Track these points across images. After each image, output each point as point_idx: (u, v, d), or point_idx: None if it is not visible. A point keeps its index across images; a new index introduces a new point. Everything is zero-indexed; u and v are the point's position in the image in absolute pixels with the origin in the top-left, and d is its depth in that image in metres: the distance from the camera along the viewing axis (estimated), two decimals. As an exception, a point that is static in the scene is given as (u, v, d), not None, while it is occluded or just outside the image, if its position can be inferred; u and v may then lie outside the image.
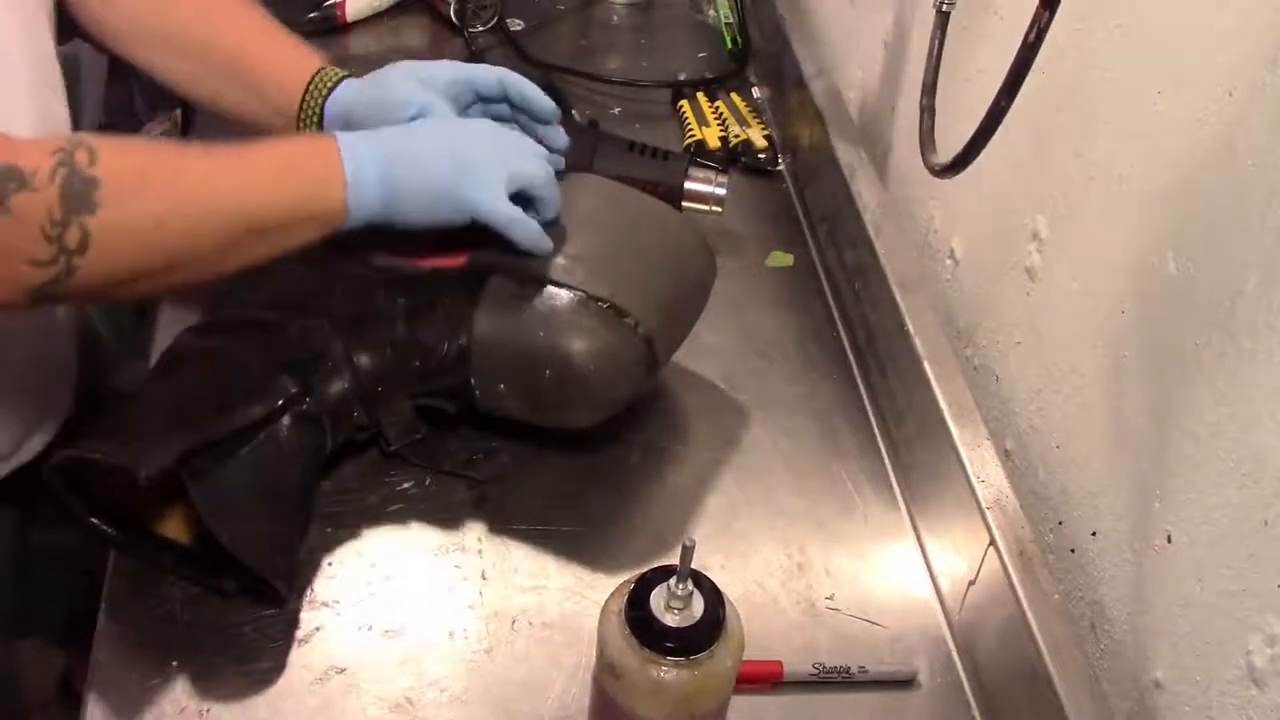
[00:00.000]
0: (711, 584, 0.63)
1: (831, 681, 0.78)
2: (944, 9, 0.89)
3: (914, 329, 0.92)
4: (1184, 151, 0.71)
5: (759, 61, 1.37)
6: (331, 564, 0.81)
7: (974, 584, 0.81)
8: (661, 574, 0.63)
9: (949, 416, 0.86)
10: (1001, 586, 0.77)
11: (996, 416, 0.94)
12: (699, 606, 0.62)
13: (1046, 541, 0.86)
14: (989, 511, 0.80)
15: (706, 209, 1.08)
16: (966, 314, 1.01)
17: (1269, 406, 0.63)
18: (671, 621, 0.62)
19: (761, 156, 1.22)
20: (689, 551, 0.61)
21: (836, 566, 0.86)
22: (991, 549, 0.78)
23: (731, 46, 1.40)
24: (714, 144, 1.21)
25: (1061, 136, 0.85)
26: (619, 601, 0.63)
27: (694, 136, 1.22)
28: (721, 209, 1.08)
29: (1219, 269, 0.68)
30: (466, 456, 0.89)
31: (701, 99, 1.28)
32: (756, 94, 1.34)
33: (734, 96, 1.29)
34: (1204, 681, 0.69)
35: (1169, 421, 0.72)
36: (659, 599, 0.62)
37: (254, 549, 0.75)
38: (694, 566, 0.62)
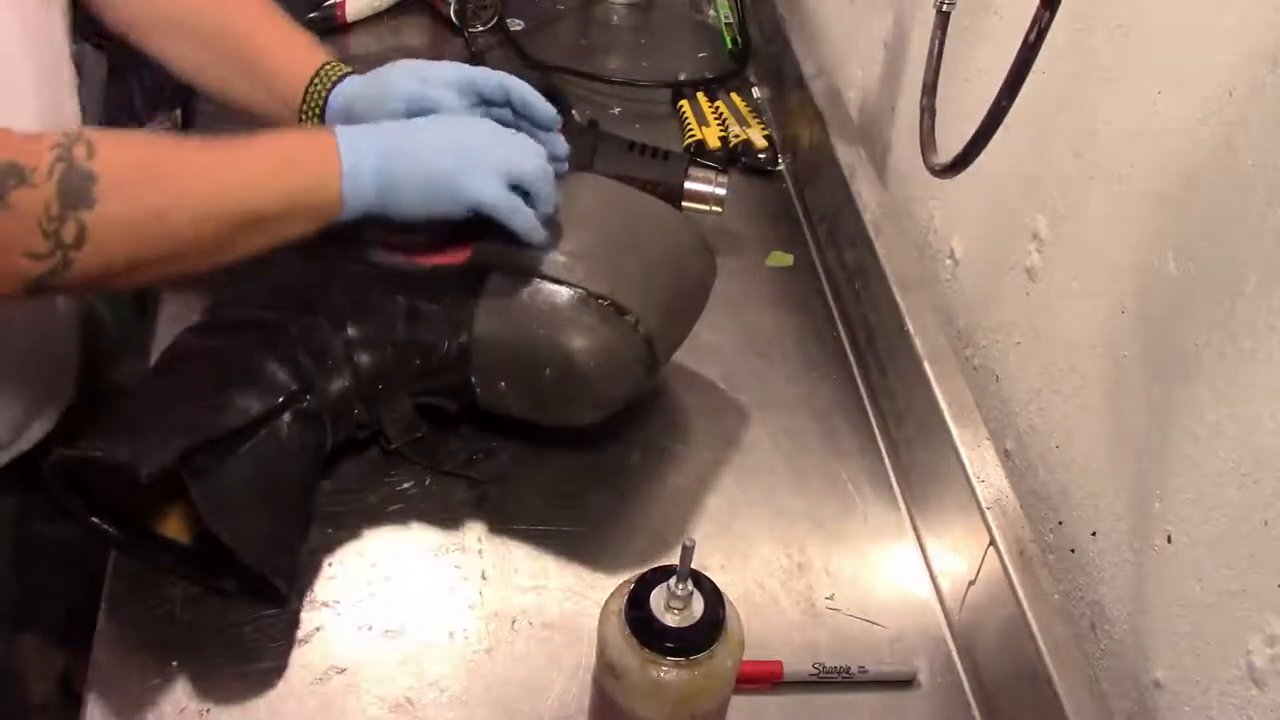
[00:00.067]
0: (711, 584, 0.63)
1: (831, 681, 0.78)
2: (944, 9, 0.89)
3: (914, 329, 0.92)
4: (1184, 151, 0.71)
5: (759, 61, 1.37)
6: (331, 564, 0.81)
7: (974, 584, 0.81)
8: (661, 574, 0.63)
9: (949, 416, 0.86)
10: (1001, 586, 0.77)
11: (996, 416, 0.94)
12: (699, 606, 0.62)
13: (1046, 541, 0.86)
14: (989, 511, 0.80)
15: (706, 209, 1.08)
16: (966, 314, 1.01)
17: (1269, 406, 0.63)
18: (671, 621, 0.61)
19: (761, 156, 1.22)
20: (689, 551, 0.61)
21: (836, 566, 0.86)
22: (991, 549, 0.79)
23: (731, 46, 1.40)
24: (714, 144, 1.21)
25: (1061, 136, 0.85)
26: (619, 601, 0.63)
27: (694, 136, 1.22)
28: (721, 209, 1.08)
29: (1219, 269, 0.68)
30: (467, 456, 0.89)
31: (701, 99, 1.28)
32: (756, 94, 1.34)
33: (734, 96, 1.29)
34: (1204, 681, 0.69)
35: (1169, 421, 0.72)
36: (659, 599, 0.62)
37: (254, 547, 0.75)
38: (694, 566, 0.62)
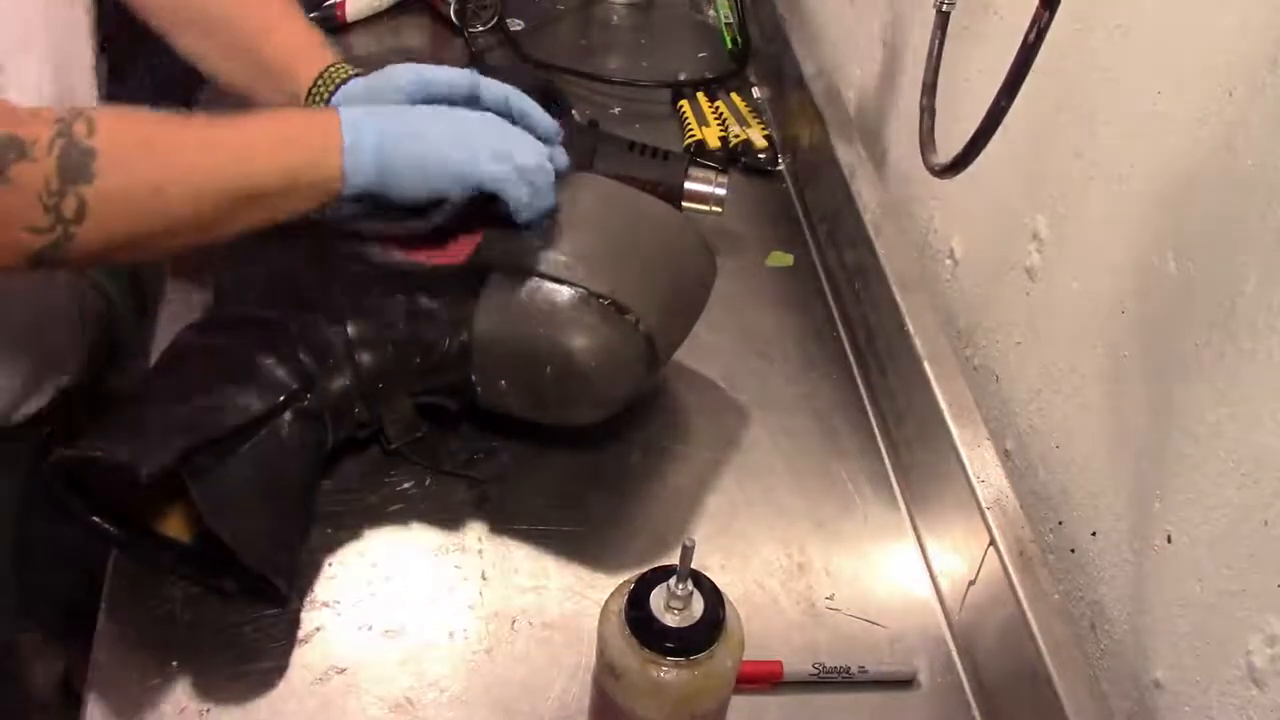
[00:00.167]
0: (711, 584, 0.63)
1: (831, 681, 0.78)
2: (944, 9, 0.89)
3: (914, 329, 0.92)
4: (1184, 151, 0.71)
5: (759, 61, 1.37)
6: (332, 564, 0.81)
7: (974, 584, 0.81)
8: (661, 574, 0.63)
9: (949, 416, 0.86)
10: (1001, 586, 0.77)
11: (996, 416, 0.94)
12: (699, 606, 0.62)
13: (1046, 541, 0.86)
14: (989, 511, 0.80)
15: (706, 209, 1.08)
16: (966, 314, 1.01)
17: (1269, 406, 0.63)
18: (671, 621, 0.61)
19: (761, 156, 1.22)
20: (689, 551, 0.61)
21: (836, 566, 0.86)
22: (991, 549, 0.78)
23: (731, 46, 1.40)
24: (714, 144, 1.21)
25: (1061, 136, 0.85)
26: (619, 601, 0.63)
27: (694, 136, 1.22)
28: (721, 209, 1.08)
29: (1219, 269, 0.68)
30: (467, 456, 0.89)
31: (701, 99, 1.28)
32: (756, 94, 1.33)
33: (734, 96, 1.29)
34: (1204, 681, 0.69)
35: (1169, 421, 0.72)
36: (659, 599, 0.62)
37: (254, 546, 0.74)
38: (694, 566, 0.62)
